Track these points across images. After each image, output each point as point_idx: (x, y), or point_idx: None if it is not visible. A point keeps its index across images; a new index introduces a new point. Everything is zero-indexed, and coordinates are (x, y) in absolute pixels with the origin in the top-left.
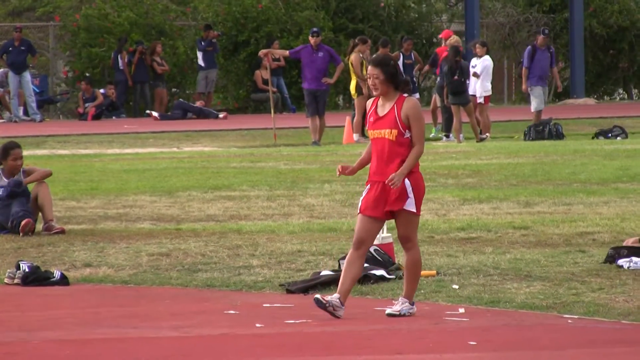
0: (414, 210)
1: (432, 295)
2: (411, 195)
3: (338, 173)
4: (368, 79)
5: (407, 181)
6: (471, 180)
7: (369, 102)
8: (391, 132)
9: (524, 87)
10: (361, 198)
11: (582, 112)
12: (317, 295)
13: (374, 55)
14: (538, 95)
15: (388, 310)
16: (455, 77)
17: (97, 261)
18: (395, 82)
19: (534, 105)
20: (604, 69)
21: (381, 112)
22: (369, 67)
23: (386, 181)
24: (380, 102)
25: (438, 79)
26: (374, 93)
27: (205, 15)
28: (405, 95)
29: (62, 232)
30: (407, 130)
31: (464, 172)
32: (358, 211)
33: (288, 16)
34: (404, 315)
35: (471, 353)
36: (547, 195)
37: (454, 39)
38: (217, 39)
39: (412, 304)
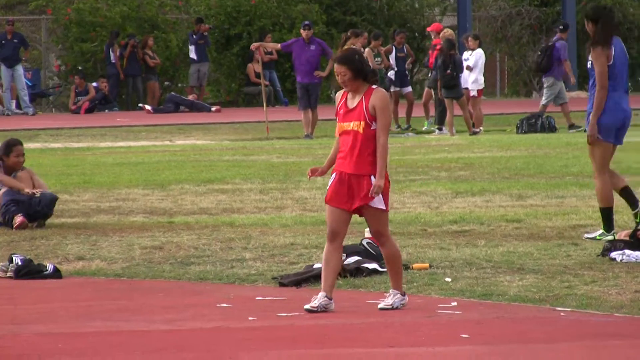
0: (382, 207)
1: (425, 288)
2: None
3: (309, 177)
4: (337, 77)
5: (373, 179)
6: (464, 173)
7: (339, 94)
8: (359, 124)
9: (572, 79)
10: (327, 187)
11: (574, 105)
12: (307, 306)
13: (339, 53)
14: (555, 89)
15: (381, 305)
16: (448, 71)
17: (89, 254)
18: (364, 75)
19: (554, 98)
20: None
21: (351, 104)
22: (335, 66)
23: (370, 194)
24: (349, 95)
25: (432, 72)
26: (346, 89)
27: (198, 8)
28: (374, 86)
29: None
30: (374, 122)
31: (457, 165)
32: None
33: (281, 10)
34: (397, 307)
35: (464, 346)
36: (539, 188)
37: (448, 32)
38: (208, 32)
39: (403, 294)
